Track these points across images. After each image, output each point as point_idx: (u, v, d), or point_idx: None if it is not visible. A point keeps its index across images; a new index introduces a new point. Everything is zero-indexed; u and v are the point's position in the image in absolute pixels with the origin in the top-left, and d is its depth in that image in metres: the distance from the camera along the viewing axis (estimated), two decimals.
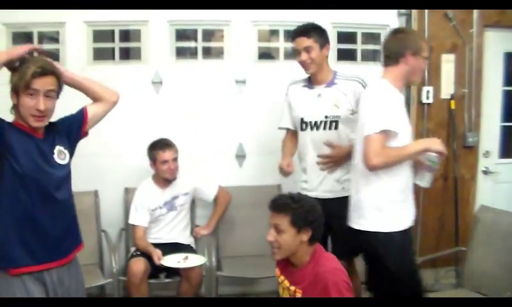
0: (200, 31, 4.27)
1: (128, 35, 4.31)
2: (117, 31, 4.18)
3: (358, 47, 4.41)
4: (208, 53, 4.36)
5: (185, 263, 3.61)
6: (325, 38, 3.33)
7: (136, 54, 4.26)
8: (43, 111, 2.27)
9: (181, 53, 4.31)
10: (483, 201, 3.84)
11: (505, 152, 4.72)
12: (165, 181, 3.89)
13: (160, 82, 4.17)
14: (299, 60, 3.32)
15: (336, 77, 3.37)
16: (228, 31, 4.26)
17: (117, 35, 4.18)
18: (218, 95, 4.25)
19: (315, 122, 3.34)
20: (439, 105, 4.43)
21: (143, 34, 4.19)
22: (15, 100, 2.28)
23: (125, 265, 3.78)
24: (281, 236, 2.43)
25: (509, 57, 4.59)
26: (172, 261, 3.62)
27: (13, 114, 2.35)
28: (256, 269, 3.77)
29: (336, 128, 3.33)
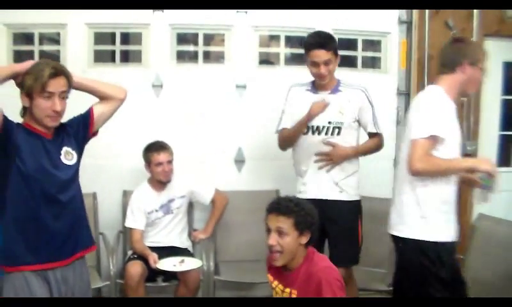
0: (201, 35, 4.28)
1: (128, 38, 4.31)
2: (118, 33, 4.19)
3: (359, 53, 4.42)
4: (207, 57, 4.36)
5: (181, 266, 3.60)
6: (337, 48, 3.32)
7: (136, 57, 4.27)
8: (60, 112, 2.35)
9: (182, 57, 4.32)
10: (481, 210, 3.83)
11: (503, 161, 4.72)
12: (160, 184, 3.89)
13: (161, 86, 4.18)
14: (317, 72, 3.26)
15: (341, 84, 3.37)
16: (229, 36, 4.27)
17: (118, 38, 4.19)
18: (218, 99, 4.25)
19: (318, 127, 3.34)
20: None
21: (144, 37, 4.20)
22: (27, 102, 2.33)
23: (122, 268, 3.77)
24: (283, 240, 2.42)
25: (508, 67, 4.60)
26: (168, 264, 3.61)
27: (22, 117, 2.41)
28: (254, 274, 3.75)
29: (339, 134, 3.33)
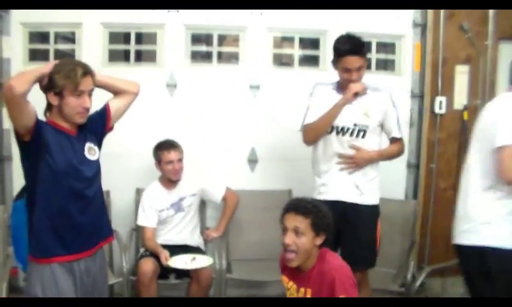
0: (216, 36, 4.30)
1: (143, 37, 4.34)
2: (133, 33, 4.22)
3: (373, 56, 4.41)
4: (220, 57, 4.38)
5: (192, 264, 3.62)
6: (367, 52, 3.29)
7: (151, 57, 4.30)
8: (89, 109, 2.47)
9: (196, 57, 4.34)
10: None
11: None
12: (171, 183, 3.91)
13: (175, 85, 4.21)
14: (349, 78, 3.21)
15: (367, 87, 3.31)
16: (243, 37, 4.29)
17: (133, 37, 4.23)
18: (232, 100, 4.28)
19: (342, 127, 3.27)
20: (452, 115, 4.42)
21: (158, 37, 4.22)
22: (56, 101, 2.41)
23: (135, 265, 3.80)
24: (299, 239, 2.44)
25: None
26: (179, 262, 3.63)
27: (44, 115, 2.48)
28: (266, 273, 3.77)
29: (363, 137, 3.28)
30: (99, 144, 2.64)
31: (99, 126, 2.63)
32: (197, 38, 4.34)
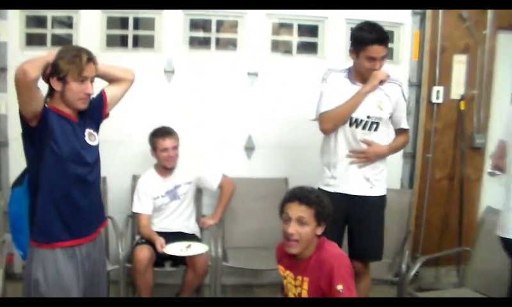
0: (214, 22, 4.27)
1: (139, 23, 4.30)
2: (131, 18, 4.19)
3: None
4: (218, 44, 4.36)
5: (188, 251, 3.62)
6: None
7: (148, 42, 4.27)
8: (91, 95, 2.51)
9: (194, 43, 4.32)
10: (488, 203, 3.85)
11: None
12: (166, 170, 3.91)
13: (173, 71, 4.19)
14: (372, 68, 3.15)
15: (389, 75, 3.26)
16: (242, 23, 4.26)
17: (131, 22, 4.19)
18: (230, 86, 4.26)
19: (356, 119, 3.22)
20: (448, 105, 4.43)
21: (156, 23, 4.19)
22: (59, 87, 2.42)
23: (131, 252, 3.81)
24: (303, 229, 2.47)
25: None
26: (175, 249, 3.63)
27: (45, 102, 2.46)
28: (262, 261, 3.78)
29: (376, 130, 3.25)
30: (97, 130, 2.66)
31: (97, 113, 2.64)
32: (195, 24, 4.31)
